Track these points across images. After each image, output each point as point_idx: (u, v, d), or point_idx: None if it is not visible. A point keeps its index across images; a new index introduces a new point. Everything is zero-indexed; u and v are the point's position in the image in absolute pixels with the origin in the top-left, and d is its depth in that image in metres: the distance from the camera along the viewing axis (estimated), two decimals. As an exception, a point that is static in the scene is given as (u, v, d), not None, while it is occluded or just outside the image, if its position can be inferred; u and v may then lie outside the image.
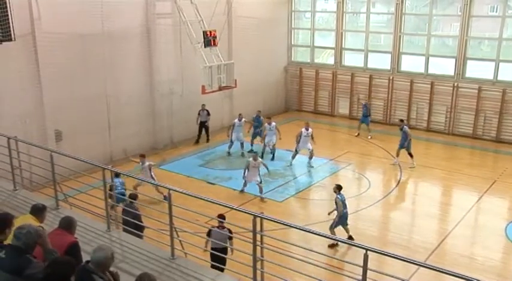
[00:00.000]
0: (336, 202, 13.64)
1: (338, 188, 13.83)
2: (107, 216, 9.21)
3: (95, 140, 18.56)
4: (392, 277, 7.36)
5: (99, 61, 18.41)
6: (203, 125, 22.01)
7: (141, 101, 20.40)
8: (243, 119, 20.71)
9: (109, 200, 9.59)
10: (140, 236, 10.11)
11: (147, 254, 8.29)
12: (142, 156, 16.12)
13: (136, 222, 10.40)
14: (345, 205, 13.71)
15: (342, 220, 13.61)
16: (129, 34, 19.41)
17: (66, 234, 6.41)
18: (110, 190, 10.48)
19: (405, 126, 19.69)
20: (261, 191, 16.65)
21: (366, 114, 23.43)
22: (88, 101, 18.22)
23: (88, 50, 17.99)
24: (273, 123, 20.41)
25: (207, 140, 22.31)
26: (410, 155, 19.38)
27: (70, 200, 11.04)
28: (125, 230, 9.78)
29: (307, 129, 19.62)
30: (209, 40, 19.30)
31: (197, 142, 22.13)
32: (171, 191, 8.13)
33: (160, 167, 18.89)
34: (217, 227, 10.72)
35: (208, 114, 21.79)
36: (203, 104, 21.49)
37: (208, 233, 10.68)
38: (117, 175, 13.59)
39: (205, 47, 19.24)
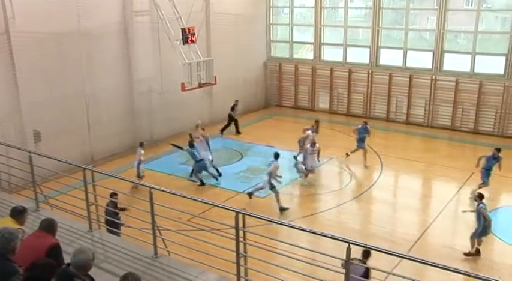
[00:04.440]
0: (480, 212, 12.56)
1: (480, 197, 12.78)
2: (88, 216, 9.13)
3: (74, 140, 18.37)
4: (375, 269, 7.42)
5: (77, 60, 18.20)
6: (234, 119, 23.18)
7: (120, 100, 20.24)
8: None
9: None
10: (117, 234, 10.10)
11: (130, 254, 8.24)
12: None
13: (111, 218, 10.36)
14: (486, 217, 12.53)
15: (485, 230, 12.62)
16: (106, 32, 19.21)
17: (47, 236, 6.34)
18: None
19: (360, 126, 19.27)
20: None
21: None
22: (66, 101, 18.03)
23: (65, 48, 17.77)
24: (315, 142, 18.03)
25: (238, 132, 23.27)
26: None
27: (50, 201, 10.93)
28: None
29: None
30: (188, 37, 19.19)
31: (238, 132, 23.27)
32: (152, 190, 8.08)
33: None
34: None
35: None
36: (237, 100, 23.20)
37: None
38: (191, 144, 17.28)
39: (183, 44, 19.14)
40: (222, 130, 22.89)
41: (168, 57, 20.28)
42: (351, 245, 6.45)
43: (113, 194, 11.39)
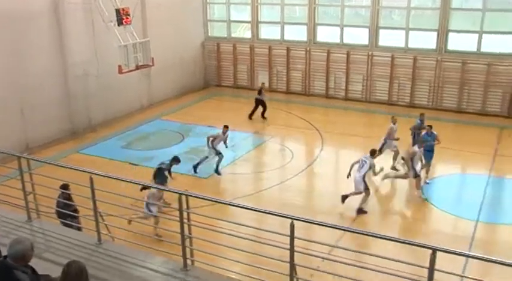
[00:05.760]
0: None
1: None
2: (27, 206, 8.83)
3: (7, 128, 17.63)
4: (319, 243, 7.58)
5: (5, 44, 17.40)
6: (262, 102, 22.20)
7: (54, 84, 19.52)
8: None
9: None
10: (72, 226, 9.83)
11: (72, 241, 8.06)
12: None
13: (63, 211, 10.06)
14: None
15: None
16: (34, 14, 18.38)
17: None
18: None
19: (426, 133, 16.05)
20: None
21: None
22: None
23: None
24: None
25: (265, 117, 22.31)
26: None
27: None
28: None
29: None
30: (122, 18, 18.72)
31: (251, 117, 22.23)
32: (92, 176, 7.90)
33: (79, 152, 18.38)
34: None
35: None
36: (263, 83, 23.05)
37: None
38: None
39: (118, 25, 18.67)
40: (250, 115, 22.11)
41: (103, 39, 19.71)
42: (294, 221, 6.54)
43: (65, 186, 10.99)
